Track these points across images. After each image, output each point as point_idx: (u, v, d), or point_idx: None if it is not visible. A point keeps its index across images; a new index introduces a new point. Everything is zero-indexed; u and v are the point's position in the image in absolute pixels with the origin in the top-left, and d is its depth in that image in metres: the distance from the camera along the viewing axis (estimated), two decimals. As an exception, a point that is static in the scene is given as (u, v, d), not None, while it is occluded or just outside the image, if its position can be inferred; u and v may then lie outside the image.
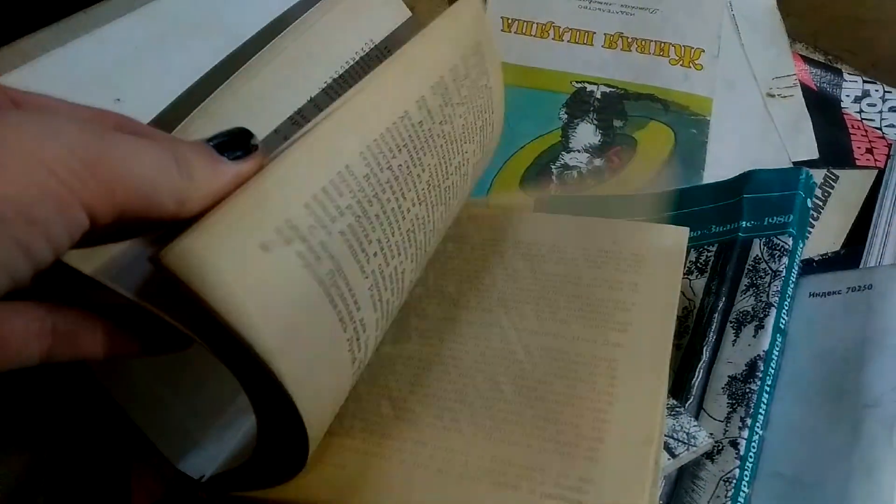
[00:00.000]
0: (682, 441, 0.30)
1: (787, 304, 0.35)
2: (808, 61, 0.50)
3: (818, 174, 0.45)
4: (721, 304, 0.36)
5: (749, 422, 0.31)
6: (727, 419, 0.32)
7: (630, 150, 0.46)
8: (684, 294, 0.37)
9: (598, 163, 0.46)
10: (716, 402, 0.33)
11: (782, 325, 0.34)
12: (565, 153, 0.46)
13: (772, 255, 0.36)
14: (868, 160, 0.46)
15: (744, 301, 0.35)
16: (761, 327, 0.34)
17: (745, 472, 0.30)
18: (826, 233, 0.43)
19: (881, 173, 0.45)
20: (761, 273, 0.36)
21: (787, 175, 0.39)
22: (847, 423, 0.30)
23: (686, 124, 0.46)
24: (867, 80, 0.49)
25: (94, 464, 0.31)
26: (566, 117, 0.48)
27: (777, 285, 0.35)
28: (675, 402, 0.32)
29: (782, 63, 0.49)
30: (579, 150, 0.46)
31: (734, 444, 0.31)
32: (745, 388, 0.32)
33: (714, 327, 0.35)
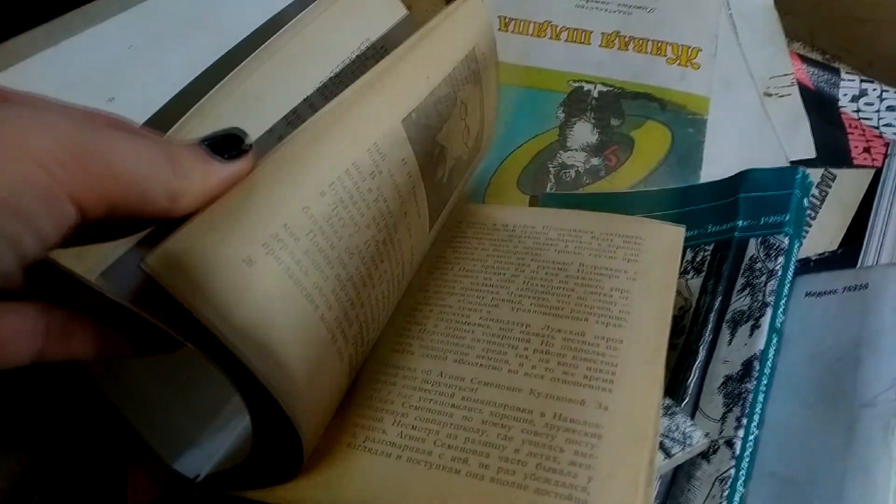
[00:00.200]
0: (677, 440, 0.30)
1: (783, 303, 0.35)
2: (805, 60, 0.50)
3: (815, 173, 0.45)
4: (717, 304, 0.36)
5: (745, 421, 0.31)
6: (723, 419, 0.32)
7: (627, 149, 0.46)
8: (680, 293, 0.37)
9: (595, 162, 0.46)
10: (711, 402, 0.33)
11: (778, 325, 0.34)
12: (562, 152, 0.46)
13: (768, 255, 0.36)
14: (865, 159, 0.46)
15: (740, 300, 0.35)
16: (757, 327, 0.34)
17: (741, 472, 0.30)
18: (823, 232, 0.43)
19: (878, 172, 0.44)
20: (757, 272, 0.36)
21: (784, 174, 0.38)
22: (843, 423, 0.30)
23: (683, 123, 0.46)
24: (864, 79, 0.49)
25: (89, 464, 0.31)
26: (563, 116, 0.48)
27: (773, 285, 0.35)
28: (671, 401, 0.32)
29: (779, 62, 0.49)
30: (576, 149, 0.46)
31: (730, 443, 0.31)
32: (741, 388, 0.32)
33: (710, 327, 0.35)
